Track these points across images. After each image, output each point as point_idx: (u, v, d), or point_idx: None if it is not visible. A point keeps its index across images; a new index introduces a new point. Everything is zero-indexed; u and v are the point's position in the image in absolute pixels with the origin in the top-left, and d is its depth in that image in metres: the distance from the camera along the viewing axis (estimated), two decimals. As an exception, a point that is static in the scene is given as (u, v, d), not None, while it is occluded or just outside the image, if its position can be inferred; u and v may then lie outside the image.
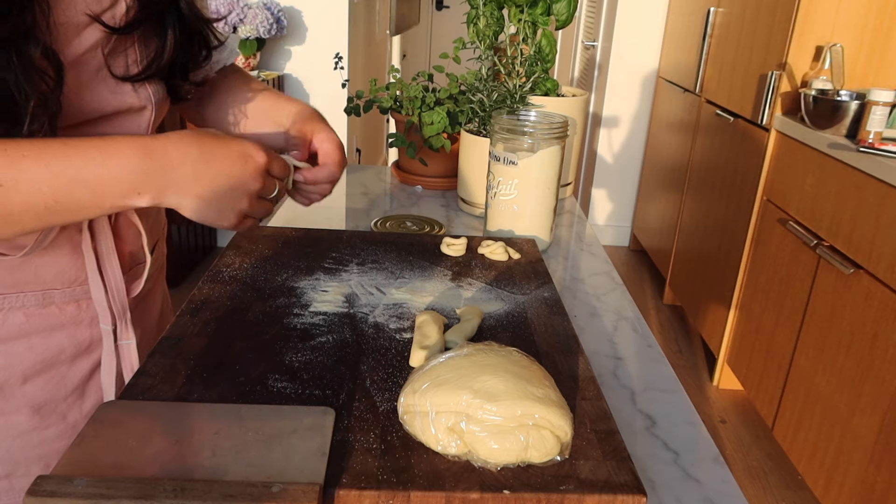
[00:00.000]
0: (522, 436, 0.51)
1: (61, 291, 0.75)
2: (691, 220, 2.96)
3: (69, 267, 0.75)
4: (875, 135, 1.84)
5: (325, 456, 0.49)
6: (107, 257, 0.77)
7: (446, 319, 0.73)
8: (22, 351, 0.74)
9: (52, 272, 0.74)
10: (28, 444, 0.76)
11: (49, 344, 0.75)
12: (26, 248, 0.71)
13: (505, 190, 1.06)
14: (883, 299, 1.66)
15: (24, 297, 0.72)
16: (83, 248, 0.75)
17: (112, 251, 0.78)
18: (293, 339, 0.67)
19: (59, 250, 0.73)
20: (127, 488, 0.44)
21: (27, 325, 0.73)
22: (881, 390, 1.64)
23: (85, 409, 0.79)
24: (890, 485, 1.59)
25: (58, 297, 0.75)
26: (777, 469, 2.16)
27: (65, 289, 0.75)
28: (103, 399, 0.80)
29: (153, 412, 0.55)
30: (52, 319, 0.75)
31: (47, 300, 0.74)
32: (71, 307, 0.76)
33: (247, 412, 0.55)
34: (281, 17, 2.95)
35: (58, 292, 0.75)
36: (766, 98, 2.27)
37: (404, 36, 5.32)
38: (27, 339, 0.74)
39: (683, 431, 0.71)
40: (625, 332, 0.91)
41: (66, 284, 0.75)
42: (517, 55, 1.28)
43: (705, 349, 2.80)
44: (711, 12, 2.81)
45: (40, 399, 0.76)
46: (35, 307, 0.73)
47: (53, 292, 0.74)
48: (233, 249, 0.87)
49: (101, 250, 0.77)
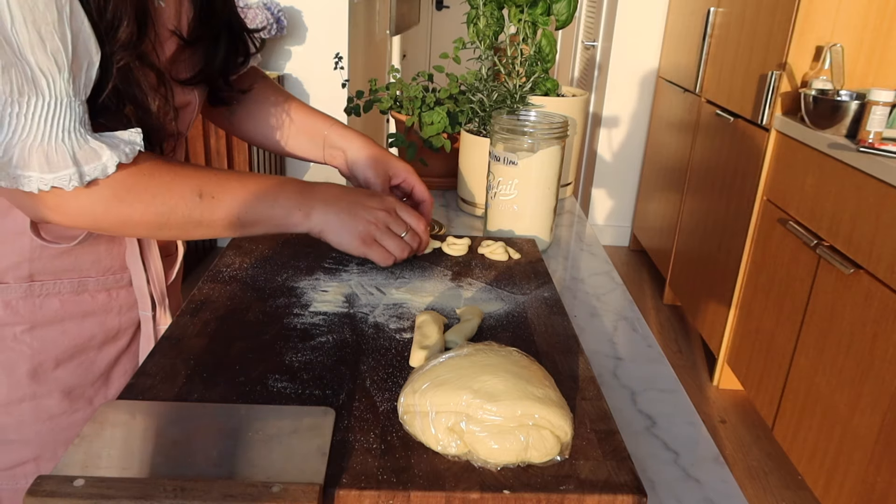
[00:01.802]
0: (522, 436, 0.51)
1: (95, 279, 0.80)
2: (691, 220, 2.96)
3: (106, 256, 0.80)
4: (875, 135, 1.84)
5: (325, 456, 0.49)
6: (148, 246, 0.84)
7: (446, 319, 0.73)
8: (56, 336, 0.78)
9: (90, 260, 0.79)
10: (57, 427, 0.80)
11: (81, 330, 0.80)
12: (78, 238, 0.76)
13: (505, 190, 1.06)
14: (883, 299, 1.66)
15: (60, 283, 0.77)
16: (126, 240, 0.81)
17: (153, 242, 0.84)
18: (293, 340, 0.67)
19: (98, 239, 0.78)
20: (127, 488, 0.44)
21: (62, 310, 0.78)
22: (881, 390, 1.64)
23: (109, 395, 0.84)
24: (890, 485, 1.59)
25: (91, 285, 0.80)
26: (777, 469, 2.16)
27: (99, 277, 0.80)
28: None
29: (154, 412, 0.55)
30: (85, 306, 0.80)
31: (82, 287, 0.79)
32: (102, 295, 0.81)
33: (247, 412, 0.55)
34: (281, 16, 2.95)
35: (92, 280, 0.80)
36: (766, 98, 2.27)
37: (404, 36, 5.32)
38: (61, 324, 0.78)
39: (683, 431, 0.71)
40: (625, 332, 0.91)
41: (100, 273, 0.80)
42: (517, 55, 1.28)
43: (705, 349, 2.80)
44: (711, 12, 2.81)
45: (71, 383, 0.80)
46: (70, 294, 0.78)
47: (88, 280, 0.79)
48: (233, 249, 0.87)
49: (143, 242, 0.83)
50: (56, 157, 0.60)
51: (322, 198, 0.77)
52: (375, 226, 0.79)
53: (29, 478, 0.78)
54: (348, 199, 0.79)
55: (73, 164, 0.60)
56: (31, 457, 0.78)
